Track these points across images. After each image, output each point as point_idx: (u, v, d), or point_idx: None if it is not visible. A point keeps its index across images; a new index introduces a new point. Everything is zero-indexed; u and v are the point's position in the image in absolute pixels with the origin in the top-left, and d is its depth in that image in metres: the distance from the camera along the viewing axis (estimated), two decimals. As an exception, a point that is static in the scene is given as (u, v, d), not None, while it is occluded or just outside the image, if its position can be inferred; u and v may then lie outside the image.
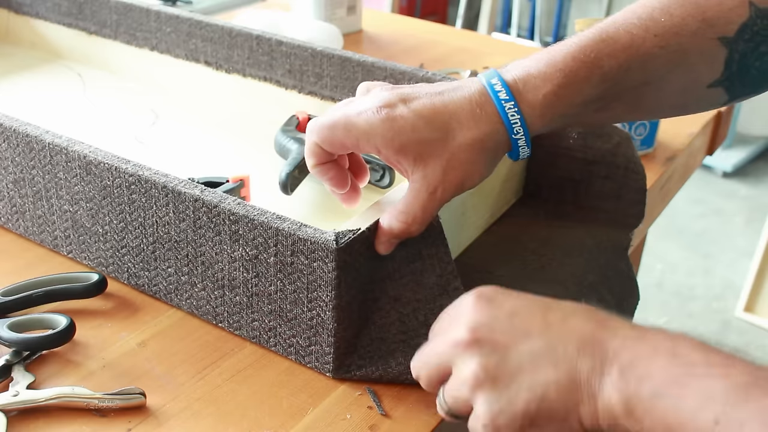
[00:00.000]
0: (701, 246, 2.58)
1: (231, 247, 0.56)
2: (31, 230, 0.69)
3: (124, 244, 0.63)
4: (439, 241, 0.56)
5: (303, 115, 0.84)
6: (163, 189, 0.58)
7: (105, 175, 0.61)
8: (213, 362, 0.57)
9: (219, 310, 0.60)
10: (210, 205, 0.56)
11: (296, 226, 0.53)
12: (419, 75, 0.79)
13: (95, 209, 0.63)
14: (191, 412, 0.53)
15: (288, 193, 0.73)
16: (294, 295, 0.55)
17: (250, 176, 0.73)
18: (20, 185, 0.67)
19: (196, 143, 0.87)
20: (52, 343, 0.56)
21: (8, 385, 0.53)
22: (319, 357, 0.56)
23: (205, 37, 0.92)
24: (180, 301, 0.62)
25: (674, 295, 2.34)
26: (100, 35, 1.01)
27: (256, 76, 0.91)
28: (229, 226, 0.55)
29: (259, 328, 0.58)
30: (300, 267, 0.53)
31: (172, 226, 0.59)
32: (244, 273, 0.57)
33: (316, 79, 0.87)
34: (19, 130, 0.64)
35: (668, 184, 0.91)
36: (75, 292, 0.61)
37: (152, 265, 0.62)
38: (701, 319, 2.24)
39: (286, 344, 0.57)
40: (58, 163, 0.63)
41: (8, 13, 1.09)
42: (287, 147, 0.79)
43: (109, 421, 0.52)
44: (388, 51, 1.16)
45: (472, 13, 3.43)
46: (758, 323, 2.20)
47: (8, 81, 1.00)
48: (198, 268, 0.59)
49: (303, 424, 0.52)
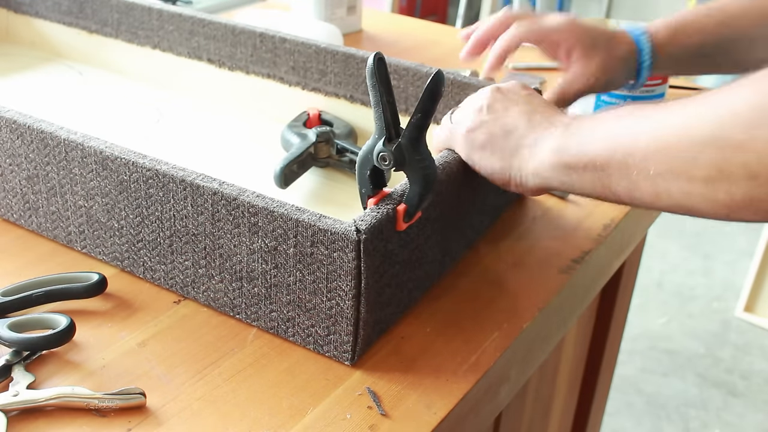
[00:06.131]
0: (701, 246, 2.58)
1: (250, 239, 0.57)
2: (44, 226, 0.69)
3: (141, 238, 0.63)
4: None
5: (314, 111, 0.85)
6: (181, 183, 0.58)
7: (122, 170, 0.61)
8: (213, 362, 0.57)
9: (237, 302, 0.60)
10: (229, 198, 0.56)
11: (316, 217, 0.54)
12: (423, 71, 0.80)
13: (111, 204, 0.63)
14: (191, 412, 0.53)
15: (282, 187, 0.74)
16: (313, 286, 0.55)
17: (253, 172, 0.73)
18: (34, 181, 0.67)
19: (200, 141, 0.87)
20: (52, 343, 0.56)
21: (8, 385, 0.53)
22: (338, 346, 0.57)
23: (207, 35, 0.92)
24: (197, 293, 0.62)
25: (674, 295, 2.34)
26: (101, 34, 1.01)
27: (259, 74, 0.91)
28: (249, 218, 0.56)
29: (277, 318, 0.59)
30: (320, 257, 0.54)
31: (189, 220, 0.59)
32: (263, 264, 0.57)
33: (320, 75, 0.87)
34: (34, 127, 0.64)
35: (669, 184, 0.91)
36: (75, 292, 0.61)
37: (169, 259, 0.62)
38: (701, 319, 2.24)
39: (304, 334, 0.58)
40: (74, 159, 0.63)
41: (8, 13, 1.09)
42: (291, 142, 0.80)
43: (109, 421, 0.52)
44: (388, 51, 1.16)
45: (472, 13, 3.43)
46: (758, 323, 2.20)
47: (9, 81, 1.00)
48: (216, 261, 0.59)
49: (303, 424, 0.52)
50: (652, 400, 1.95)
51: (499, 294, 0.66)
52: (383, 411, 0.53)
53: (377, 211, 0.54)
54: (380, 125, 0.55)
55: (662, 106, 0.50)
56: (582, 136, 0.55)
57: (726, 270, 2.46)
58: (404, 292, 0.60)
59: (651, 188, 0.50)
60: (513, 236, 0.73)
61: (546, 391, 0.94)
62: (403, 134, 0.54)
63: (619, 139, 0.52)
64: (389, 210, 0.55)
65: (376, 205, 0.55)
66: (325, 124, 0.85)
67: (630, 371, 2.03)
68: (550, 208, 0.78)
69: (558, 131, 0.57)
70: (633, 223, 0.82)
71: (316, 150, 0.80)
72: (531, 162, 0.58)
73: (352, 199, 0.65)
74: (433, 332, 0.61)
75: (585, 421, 1.14)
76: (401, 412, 0.53)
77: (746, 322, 2.22)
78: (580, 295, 0.74)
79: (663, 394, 1.97)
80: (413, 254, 0.60)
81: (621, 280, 1.02)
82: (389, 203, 0.55)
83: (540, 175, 0.58)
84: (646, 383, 2.00)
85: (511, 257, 0.70)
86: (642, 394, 1.97)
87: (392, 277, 0.57)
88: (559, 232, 0.75)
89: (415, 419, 0.53)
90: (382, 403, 0.54)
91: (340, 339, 0.56)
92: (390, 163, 0.55)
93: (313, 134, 0.80)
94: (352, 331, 0.55)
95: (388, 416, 0.53)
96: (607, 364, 1.11)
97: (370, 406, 0.54)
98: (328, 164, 0.81)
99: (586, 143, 0.54)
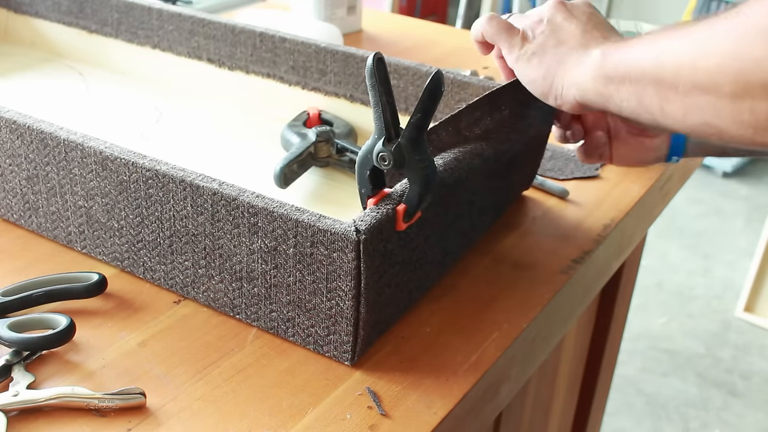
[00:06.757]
0: (701, 246, 2.58)
1: (250, 239, 0.57)
2: (44, 226, 0.69)
3: (140, 238, 0.63)
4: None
5: (314, 111, 0.85)
6: (180, 183, 0.58)
7: (121, 170, 0.61)
8: (213, 362, 0.57)
9: (236, 302, 0.60)
10: (229, 198, 0.56)
11: (315, 217, 0.54)
12: (423, 71, 0.80)
13: (111, 204, 0.63)
14: (191, 412, 0.53)
15: (282, 186, 0.74)
16: (313, 286, 0.56)
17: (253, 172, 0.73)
18: (33, 182, 0.67)
19: (200, 140, 0.87)
20: (52, 343, 0.56)
21: (8, 385, 0.53)
22: (338, 346, 0.57)
23: (207, 35, 0.92)
24: (197, 293, 0.62)
25: (674, 295, 2.34)
26: (101, 34, 1.01)
27: (259, 73, 0.91)
28: (248, 218, 0.56)
29: (277, 318, 0.59)
30: (319, 258, 0.54)
31: (189, 220, 0.59)
32: (263, 264, 0.57)
33: (319, 75, 0.87)
34: (34, 127, 0.64)
35: (668, 184, 0.91)
36: (75, 292, 0.61)
37: (169, 259, 0.62)
38: (701, 319, 2.24)
39: (304, 334, 0.58)
40: (73, 159, 0.63)
41: (7, 13, 1.09)
42: (291, 142, 0.80)
43: (109, 421, 0.52)
44: (388, 51, 1.16)
45: (472, 13, 3.43)
46: (758, 323, 2.20)
47: (9, 81, 1.00)
48: (216, 261, 0.59)
49: (303, 424, 0.52)
50: (652, 400, 1.95)
51: (499, 294, 0.66)
52: (383, 411, 0.53)
53: (377, 211, 0.54)
54: (380, 125, 0.55)
55: (694, 23, 0.51)
56: (624, 50, 0.57)
57: (726, 270, 2.46)
58: (404, 292, 0.60)
59: (681, 103, 0.51)
60: (513, 236, 0.73)
61: (546, 391, 0.94)
62: (403, 134, 0.54)
63: (654, 51, 0.53)
64: (389, 210, 0.55)
65: (375, 205, 0.55)
66: (325, 123, 0.85)
67: (630, 371, 2.03)
68: (550, 208, 0.78)
69: (606, 45, 0.59)
70: (633, 223, 0.82)
71: (316, 150, 0.80)
72: (574, 71, 0.59)
73: (352, 199, 0.65)
74: (433, 332, 0.61)
75: (585, 421, 1.14)
76: (401, 412, 0.53)
77: (746, 322, 2.22)
78: (580, 295, 0.74)
79: (663, 394, 1.97)
80: (413, 254, 0.60)
81: (621, 280, 1.02)
82: (389, 203, 0.55)
83: (580, 86, 0.59)
84: (646, 383, 2.00)
85: (511, 257, 0.70)
86: (642, 394, 1.97)
87: (392, 278, 0.57)
88: (559, 232, 0.75)
89: (415, 419, 0.53)
90: (382, 403, 0.54)
91: (340, 339, 0.56)
92: (390, 163, 0.55)
93: (313, 134, 0.80)
94: (352, 331, 0.55)
95: (388, 416, 0.53)
96: (607, 364, 1.11)
97: (370, 406, 0.54)
98: (328, 164, 0.81)
99: (625, 56, 0.56)
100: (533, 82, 0.63)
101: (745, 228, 2.69)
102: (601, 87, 0.57)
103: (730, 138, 0.50)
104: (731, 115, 0.48)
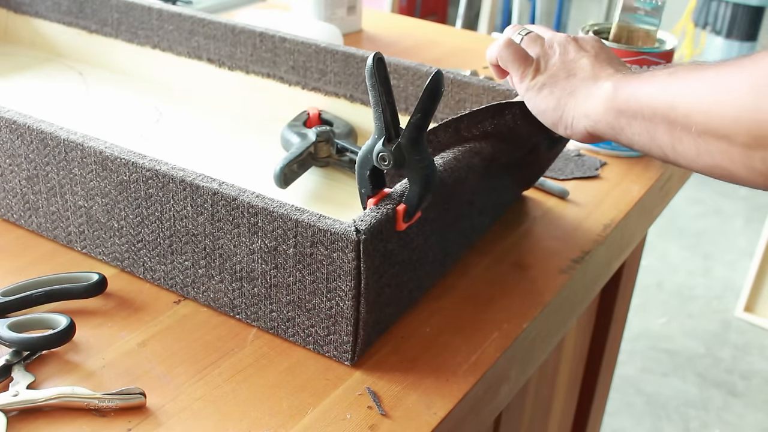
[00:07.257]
0: (701, 246, 2.58)
1: (250, 239, 0.57)
2: (44, 226, 0.69)
3: (140, 238, 0.63)
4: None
5: (314, 111, 0.85)
6: (180, 183, 0.58)
7: (121, 170, 0.61)
8: (213, 362, 0.57)
9: (236, 302, 0.60)
10: (229, 198, 0.56)
11: (315, 217, 0.54)
12: (423, 71, 0.80)
13: (111, 204, 0.63)
14: (191, 412, 0.53)
15: (282, 186, 0.74)
16: (313, 286, 0.56)
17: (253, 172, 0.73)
18: (33, 182, 0.67)
19: (200, 140, 0.87)
20: (52, 343, 0.56)
21: (8, 385, 0.53)
22: (338, 346, 0.57)
23: (207, 35, 0.92)
24: (197, 293, 0.62)
25: (674, 295, 2.34)
26: (101, 34, 1.01)
27: (259, 73, 0.91)
28: (248, 218, 0.56)
29: (277, 318, 0.59)
30: (319, 258, 0.54)
31: (189, 220, 0.59)
32: (263, 264, 0.57)
33: (320, 75, 0.87)
34: (34, 127, 0.64)
35: (668, 184, 0.91)
36: (75, 292, 0.61)
37: (169, 259, 0.62)
38: (701, 319, 2.24)
39: (304, 334, 0.58)
40: (73, 159, 0.63)
41: (7, 13, 1.09)
42: (291, 142, 0.80)
43: (109, 421, 0.52)
44: (388, 51, 1.16)
45: (472, 13, 3.43)
46: (758, 323, 2.20)
47: (9, 81, 1.00)
48: (216, 261, 0.59)
49: (303, 424, 0.52)
50: (652, 400, 1.95)
51: (499, 294, 0.66)
52: (383, 411, 0.53)
53: (377, 212, 0.54)
54: (380, 125, 0.55)
55: (708, 68, 0.51)
56: (635, 85, 0.57)
57: (726, 270, 2.46)
58: (404, 292, 0.60)
59: (693, 145, 0.51)
60: (513, 236, 0.74)
61: (546, 391, 0.94)
62: (403, 134, 0.54)
63: (668, 92, 0.53)
64: (389, 210, 0.55)
65: (375, 205, 0.55)
66: (325, 123, 0.85)
67: (630, 371, 2.03)
68: (551, 208, 0.78)
69: (617, 78, 0.59)
70: (633, 223, 0.82)
71: (316, 149, 0.80)
72: (586, 103, 0.60)
73: (352, 198, 0.65)
74: (433, 332, 0.61)
75: (585, 421, 1.14)
76: (401, 412, 0.53)
77: (746, 322, 2.22)
78: (580, 295, 0.74)
79: (663, 394, 1.97)
80: (413, 254, 0.60)
81: (621, 280, 1.02)
82: (389, 203, 0.55)
83: (591, 118, 0.59)
84: (646, 383, 2.00)
85: (511, 257, 0.70)
86: (642, 394, 1.97)
87: (392, 278, 0.57)
88: (559, 232, 0.75)
89: (415, 419, 0.53)
90: (382, 403, 0.54)
91: (340, 339, 0.56)
92: (390, 163, 0.55)
93: (313, 134, 0.80)
94: (352, 331, 0.55)
95: (388, 416, 0.53)
96: (607, 364, 1.11)
97: (370, 406, 0.54)
98: (328, 164, 0.81)
99: (637, 92, 0.56)
100: (543, 113, 0.63)
101: (744, 228, 2.69)
102: (612, 119, 0.57)
103: (741, 181, 0.50)
104: (743, 161, 0.48)
